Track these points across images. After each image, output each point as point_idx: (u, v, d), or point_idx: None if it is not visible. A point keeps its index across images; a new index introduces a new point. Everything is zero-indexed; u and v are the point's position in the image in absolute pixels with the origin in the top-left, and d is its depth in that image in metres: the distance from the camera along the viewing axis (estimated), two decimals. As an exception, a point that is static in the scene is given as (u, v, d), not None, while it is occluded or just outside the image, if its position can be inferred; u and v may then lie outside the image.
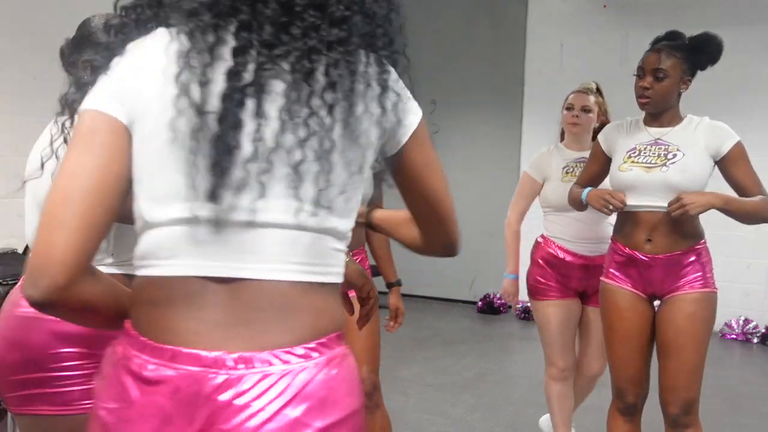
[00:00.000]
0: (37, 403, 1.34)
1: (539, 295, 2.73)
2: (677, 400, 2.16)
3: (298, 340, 0.85)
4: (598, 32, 5.87)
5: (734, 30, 5.53)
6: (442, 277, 6.39)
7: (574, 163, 2.69)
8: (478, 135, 6.17)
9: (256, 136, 0.82)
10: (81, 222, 0.79)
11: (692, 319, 2.17)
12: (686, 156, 2.16)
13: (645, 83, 2.23)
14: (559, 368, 2.71)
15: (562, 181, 2.66)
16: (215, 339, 0.83)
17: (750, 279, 5.47)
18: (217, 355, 0.81)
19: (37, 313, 0.90)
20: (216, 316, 0.84)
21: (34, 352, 1.33)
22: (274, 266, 0.85)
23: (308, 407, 0.82)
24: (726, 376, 4.42)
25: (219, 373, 0.81)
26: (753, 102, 5.44)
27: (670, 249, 2.18)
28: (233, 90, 0.81)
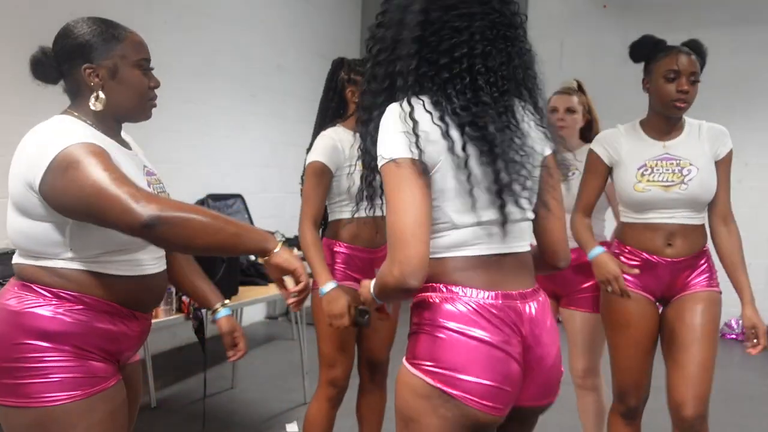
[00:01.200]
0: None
1: None
2: (694, 397, 2.12)
3: (533, 283, 1.39)
4: (598, 32, 5.87)
5: (734, 30, 5.53)
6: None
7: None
8: (478, 135, 6.16)
9: (524, 172, 1.32)
10: (427, 238, 1.24)
11: (705, 316, 2.15)
12: (700, 170, 2.15)
13: (684, 86, 2.13)
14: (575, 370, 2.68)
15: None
16: (504, 284, 1.32)
17: (750, 279, 5.46)
18: (515, 292, 1.32)
19: (7, 305, 1.36)
20: (502, 274, 1.33)
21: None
22: (523, 243, 1.38)
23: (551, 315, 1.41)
24: (726, 376, 4.41)
25: (521, 301, 1.32)
26: (753, 102, 5.43)
27: (690, 252, 2.20)
28: (503, 140, 1.28)
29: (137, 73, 1.47)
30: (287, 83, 5.64)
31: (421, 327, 1.31)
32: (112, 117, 1.48)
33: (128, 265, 1.43)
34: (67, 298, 1.36)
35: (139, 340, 1.53)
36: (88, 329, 1.38)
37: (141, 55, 1.48)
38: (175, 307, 2.67)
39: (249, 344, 1.88)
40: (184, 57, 4.50)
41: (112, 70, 1.44)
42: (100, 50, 1.42)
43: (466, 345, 1.25)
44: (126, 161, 1.44)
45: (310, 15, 5.89)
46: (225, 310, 1.80)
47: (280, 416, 3.46)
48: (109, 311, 1.41)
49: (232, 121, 5.02)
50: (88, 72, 1.42)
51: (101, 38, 1.43)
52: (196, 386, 3.82)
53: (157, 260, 1.52)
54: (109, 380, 1.41)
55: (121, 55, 1.44)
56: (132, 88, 1.47)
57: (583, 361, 2.61)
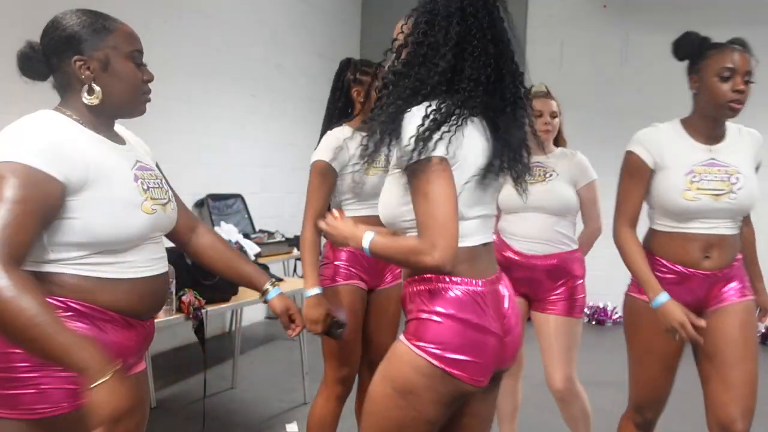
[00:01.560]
0: None
1: None
2: (744, 415, 2.01)
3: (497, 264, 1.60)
4: (598, 32, 5.87)
5: (735, 30, 5.50)
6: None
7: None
8: (478, 135, 6.16)
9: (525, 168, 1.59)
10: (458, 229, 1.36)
11: (747, 330, 2.05)
12: (747, 179, 2.05)
13: (740, 86, 2.02)
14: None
15: (510, 185, 2.63)
16: (489, 270, 1.49)
17: (750, 279, 5.47)
18: (494, 276, 1.50)
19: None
20: (489, 260, 1.52)
21: None
22: (493, 231, 1.57)
23: None
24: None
25: (498, 283, 1.50)
26: (754, 102, 5.42)
27: (726, 263, 2.08)
28: (516, 142, 1.52)
29: (130, 65, 1.40)
30: (287, 83, 5.64)
31: (427, 313, 1.41)
32: (104, 112, 1.41)
33: (117, 267, 1.36)
34: (54, 304, 1.27)
35: (137, 348, 1.45)
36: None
37: (133, 46, 1.41)
38: (175, 307, 2.66)
39: (249, 344, 1.87)
40: (184, 57, 4.50)
41: (104, 61, 1.37)
42: (90, 41, 1.36)
43: (466, 331, 1.39)
44: (111, 157, 1.37)
45: (310, 15, 5.89)
46: (275, 290, 1.72)
47: (280, 416, 3.46)
48: (99, 318, 1.34)
49: (232, 121, 5.02)
50: (79, 64, 1.36)
51: (91, 29, 1.37)
52: (196, 386, 3.81)
53: (153, 262, 1.44)
54: None
55: (112, 46, 1.38)
56: (125, 81, 1.40)
57: (561, 369, 2.56)
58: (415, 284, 1.45)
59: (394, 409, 1.43)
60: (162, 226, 1.47)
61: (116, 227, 1.33)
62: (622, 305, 2.27)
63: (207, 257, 1.68)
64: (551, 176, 2.60)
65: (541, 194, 2.53)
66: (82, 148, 1.32)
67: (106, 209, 1.32)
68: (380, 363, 1.49)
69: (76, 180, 1.28)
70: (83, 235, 1.31)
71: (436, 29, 1.42)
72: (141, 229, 1.38)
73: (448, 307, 1.40)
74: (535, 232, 2.57)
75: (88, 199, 1.30)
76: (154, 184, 1.45)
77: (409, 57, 1.43)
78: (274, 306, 1.72)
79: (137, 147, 1.53)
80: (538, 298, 2.61)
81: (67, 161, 1.27)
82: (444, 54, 1.40)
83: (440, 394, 1.39)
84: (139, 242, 1.40)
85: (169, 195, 1.51)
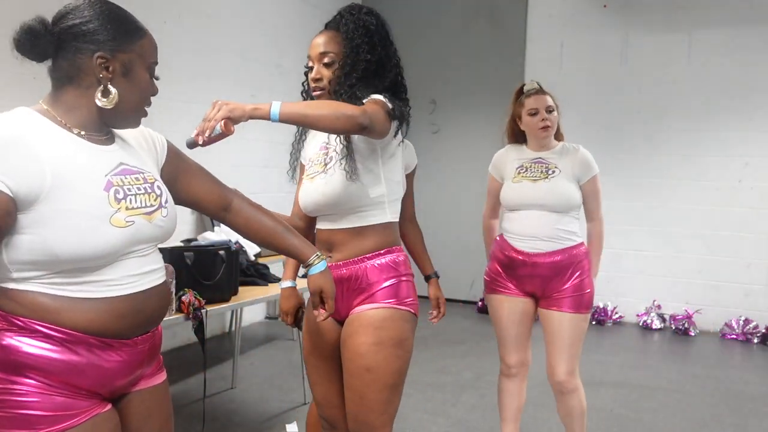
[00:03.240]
0: None
1: (489, 290, 2.77)
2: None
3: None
4: (598, 32, 5.87)
5: (734, 30, 5.53)
6: (442, 277, 6.37)
7: (529, 163, 2.65)
8: (477, 135, 6.16)
9: None
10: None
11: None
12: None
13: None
14: (507, 365, 2.76)
15: (513, 181, 2.65)
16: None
17: (750, 279, 5.47)
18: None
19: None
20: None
21: None
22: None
23: None
24: (726, 376, 4.42)
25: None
26: (754, 102, 5.43)
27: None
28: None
29: (147, 77, 1.34)
30: (287, 83, 5.64)
31: (396, 278, 1.86)
32: (101, 115, 1.30)
33: (90, 286, 1.23)
34: (19, 325, 1.19)
35: (126, 369, 1.31)
36: (44, 361, 1.19)
37: (154, 58, 1.36)
38: (175, 307, 2.66)
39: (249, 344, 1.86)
40: (184, 57, 4.50)
41: (127, 66, 1.29)
42: (118, 41, 1.27)
43: (413, 284, 1.94)
44: (80, 162, 1.24)
45: (309, 15, 5.89)
46: (319, 265, 1.63)
47: (280, 416, 3.46)
48: (68, 340, 1.21)
49: (232, 121, 5.01)
50: (100, 62, 1.26)
51: (122, 28, 1.29)
52: (196, 386, 3.81)
53: (136, 278, 1.31)
54: (78, 416, 1.23)
55: (139, 52, 1.31)
56: (140, 91, 1.33)
57: (564, 362, 2.60)
58: (377, 258, 1.86)
59: (395, 361, 1.81)
60: (146, 238, 1.32)
61: (79, 245, 1.19)
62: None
63: (245, 235, 1.64)
64: (554, 173, 2.59)
65: (543, 192, 2.56)
66: (41, 155, 1.18)
67: (65, 224, 1.18)
68: (356, 337, 1.80)
69: (27, 192, 1.15)
70: (42, 254, 1.18)
71: (378, 49, 1.85)
72: (111, 246, 1.23)
73: (408, 269, 1.92)
74: (538, 230, 2.57)
75: (45, 213, 1.17)
76: (138, 190, 1.32)
77: (364, 72, 1.82)
78: (308, 282, 1.64)
79: (133, 145, 1.42)
80: (545, 295, 2.62)
81: (16, 171, 1.14)
82: (390, 68, 1.87)
83: (413, 332, 1.90)
84: (113, 259, 1.25)
85: (160, 201, 1.36)
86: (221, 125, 1.53)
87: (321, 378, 1.99)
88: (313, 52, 1.92)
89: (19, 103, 1.33)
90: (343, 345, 1.87)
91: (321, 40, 1.92)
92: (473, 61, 6.28)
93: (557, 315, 2.59)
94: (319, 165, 1.93)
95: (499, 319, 2.72)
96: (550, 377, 2.64)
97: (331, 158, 1.88)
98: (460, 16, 6.34)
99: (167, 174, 1.49)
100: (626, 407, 3.66)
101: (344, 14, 1.94)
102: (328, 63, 1.87)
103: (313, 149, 2.03)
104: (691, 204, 5.62)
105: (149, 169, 1.40)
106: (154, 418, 1.42)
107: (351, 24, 1.90)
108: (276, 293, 3.36)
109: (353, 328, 1.84)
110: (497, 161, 2.80)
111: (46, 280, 1.21)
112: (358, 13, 1.91)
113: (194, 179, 1.56)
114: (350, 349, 1.83)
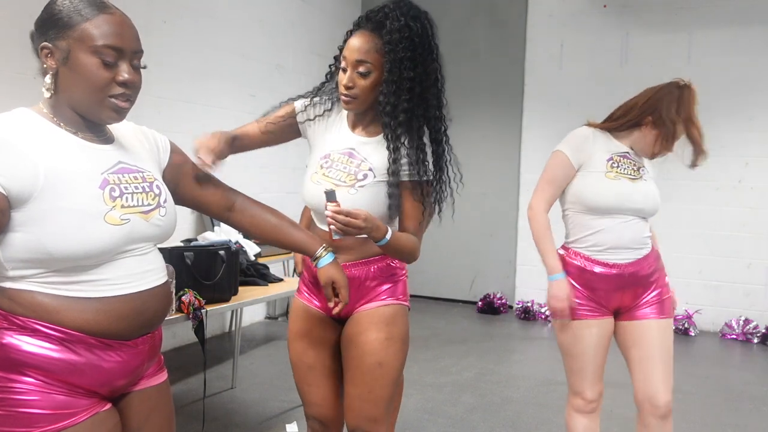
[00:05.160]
0: None
1: (573, 316, 2.24)
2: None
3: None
4: (598, 32, 5.87)
5: (734, 30, 5.53)
6: (442, 277, 6.39)
7: (618, 157, 2.23)
8: (477, 135, 6.16)
9: None
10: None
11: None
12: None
13: None
14: (586, 399, 2.29)
15: (606, 177, 2.19)
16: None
17: (750, 279, 5.47)
18: None
19: None
20: None
21: None
22: None
23: None
24: (726, 376, 4.42)
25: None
26: (753, 102, 5.43)
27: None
28: None
29: (93, 62, 1.23)
30: (287, 83, 5.64)
31: (399, 276, 1.90)
32: (72, 109, 1.27)
33: (87, 285, 1.23)
34: (19, 324, 1.19)
35: (126, 369, 1.31)
36: (43, 360, 1.20)
37: (106, 40, 1.23)
38: (175, 307, 2.66)
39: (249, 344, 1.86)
40: (184, 57, 4.50)
41: (65, 52, 1.23)
42: (59, 27, 1.23)
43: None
44: (76, 160, 1.24)
45: (309, 15, 5.89)
46: (327, 257, 1.63)
47: (280, 416, 3.46)
48: (67, 339, 1.21)
49: (232, 121, 5.01)
50: (45, 52, 1.24)
51: (66, 13, 1.23)
52: (196, 386, 3.81)
53: (135, 278, 1.30)
54: (78, 415, 1.23)
55: (78, 36, 1.22)
56: (83, 79, 1.23)
57: (666, 380, 2.20)
58: (377, 261, 1.86)
59: (402, 356, 1.86)
60: (142, 236, 1.31)
61: (73, 242, 1.18)
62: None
63: (251, 233, 1.67)
64: (644, 173, 2.26)
65: (642, 195, 2.22)
66: (35, 154, 1.18)
67: (59, 221, 1.17)
68: (367, 333, 1.81)
69: (19, 189, 1.15)
70: (37, 252, 1.18)
71: (418, 68, 1.74)
72: (105, 243, 1.22)
73: (404, 267, 1.94)
74: (628, 239, 2.21)
75: (39, 211, 1.17)
76: (135, 188, 1.30)
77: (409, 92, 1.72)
78: (319, 274, 1.64)
79: (134, 145, 1.41)
80: (629, 306, 2.27)
81: (8, 169, 1.15)
82: (429, 92, 1.79)
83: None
84: (108, 257, 1.25)
85: (159, 200, 1.35)
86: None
87: (317, 379, 1.94)
88: (348, 54, 1.74)
89: (20, 101, 1.34)
90: (351, 342, 1.85)
91: (358, 45, 1.73)
92: (473, 61, 6.28)
93: (647, 324, 2.23)
94: (346, 175, 1.79)
95: (585, 348, 2.24)
96: (647, 402, 2.22)
97: (365, 176, 1.77)
98: (460, 16, 6.34)
99: (170, 175, 1.49)
100: (626, 407, 3.66)
101: (390, 14, 1.72)
102: (364, 73, 1.73)
103: (334, 147, 1.85)
104: (691, 204, 5.62)
105: (149, 168, 1.40)
106: (154, 417, 1.42)
107: (395, 33, 1.71)
108: (276, 293, 3.37)
109: (363, 325, 1.83)
110: (580, 142, 2.24)
111: (43, 279, 1.21)
112: (405, 17, 1.73)
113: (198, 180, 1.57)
114: (360, 346, 1.82)
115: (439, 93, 1.79)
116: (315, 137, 1.92)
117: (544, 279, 2.26)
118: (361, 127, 1.86)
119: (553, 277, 2.23)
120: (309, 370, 1.95)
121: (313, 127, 1.92)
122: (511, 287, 6.23)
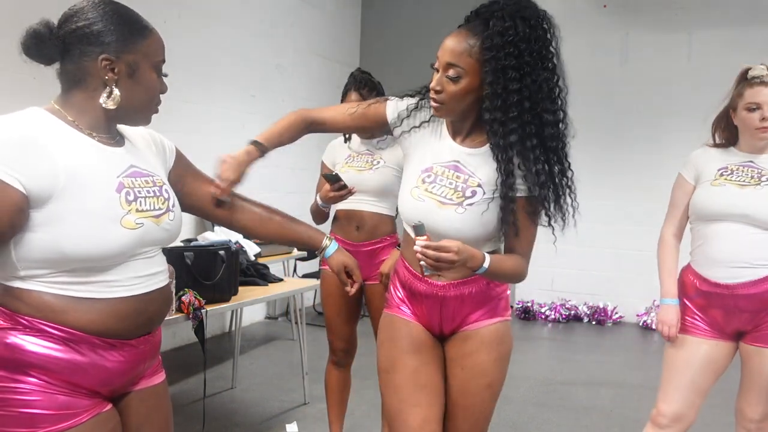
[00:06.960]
0: None
1: (681, 330, 2.21)
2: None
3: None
4: (598, 32, 5.87)
5: (734, 30, 5.53)
6: (442, 277, 6.38)
7: (735, 166, 2.16)
8: (478, 135, 6.16)
9: None
10: None
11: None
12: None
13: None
14: (660, 412, 2.23)
15: (711, 185, 2.16)
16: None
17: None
18: None
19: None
20: None
21: None
22: None
23: None
24: (726, 376, 4.41)
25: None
26: (753, 102, 5.43)
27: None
28: None
29: (154, 76, 1.35)
30: (286, 83, 5.64)
31: (501, 295, 1.79)
32: (111, 115, 1.31)
33: (95, 286, 1.24)
34: (24, 324, 1.20)
35: (127, 369, 1.32)
36: (47, 360, 1.20)
37: (161, 56, 1.37)
38: (175, 307, 2.66)
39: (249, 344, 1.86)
40: (184, 57, 4.50)
41: (132, 67, 1.29)
42: (122, 42, 1.27)
43: None
44: (93, 163, 1.25)
45: (309, 15, 5.89)
46: (332, 246, 1.70)
47: (280, 416, 3.46)
48: (71, 339, 1.22)
49: (232, 121, 5.02)
50: (105, 63, 1.26)
51: (126, 29, 1.28)
52: (196, 386, 3.81)
53: (140, 280, 1.31)
54: (79, 416, 1.23)
55: (144, 52, 1.31)
56: (147, 90, 1.34)
57: (763, 405, 2.17)
58: (477, 282, 1.70)
59: (504, 373, 1.79)
60: (153, 240, 1.32)
61: (89, 244, 1.20)
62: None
63: (256, 234, 1.67)
64: (766, 180, 2.12)
65: (752, 199, 2.09)
66: (55, 154, 1.19)
67: (77, 224, 1.18)
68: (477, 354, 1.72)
69: (39, 190, 1.16)
70: (52, 252, 1.19)
71: (527, 79, 1.55)
72: (120, 247, 1.24)
73: (504, 286, 1.79)
74: (742, 252, 2.09)
75: (57, 212, 1.17)
76: (147, 192, 1.32)
77: (518, 106, 1.53)
78: (330, 263, 1.70)
79: (143, 148, 1.43)
80: (749, 328, 2.16)
81: (30, 168, 1.15)
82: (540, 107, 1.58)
83: None
84: (121, 260, 1.26)
85: (168, 204, 1.36)
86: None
87: (423, 399, 1.72)
88: (440, 55, 1.58)
89: (20, 103, 1.33)
90: (460, 362, 1.75)
91: (451, 45, 1.57)
92: (473, 61, 6.27)
93: (765, 352, 2.12)
94: (452, 192, 1.63)
95: (683, 364, 2.20)
96: (744, 414, 2.22)
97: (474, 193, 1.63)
98: (460, 15, 6.34)
99: (174, 179, 1.51)
100: (626, 407, 3.66)
101: (497, 12, 1.54)
102: (453, 77, 1.55)
103: (437, 159, 1.69)
104: (691, 204, 5.62)
105: (158, 172, 1.41)
106: (153, 417, 1.43)
107: (497, 37, 1.51)
108: (276, 293, 3.37)
109: (473, 345, 1.73)
110: (695, 159, 2.25)
111: (52, 279, 1.21)
112: (514, 17, 1.55)
113: (202, 185, 1.60)
114: (471, 368, 1.72)
115: (556, 108, 1.57)
116: (411, 147, 1.74)
117: (544, 279, 2.25)
118: (463, 136, 1.67)
119: (663, 301, 2.25)
120: (421, 389, 1.73)
121: (409, 139, 1.74)
122: (512, 287, 6.22)
